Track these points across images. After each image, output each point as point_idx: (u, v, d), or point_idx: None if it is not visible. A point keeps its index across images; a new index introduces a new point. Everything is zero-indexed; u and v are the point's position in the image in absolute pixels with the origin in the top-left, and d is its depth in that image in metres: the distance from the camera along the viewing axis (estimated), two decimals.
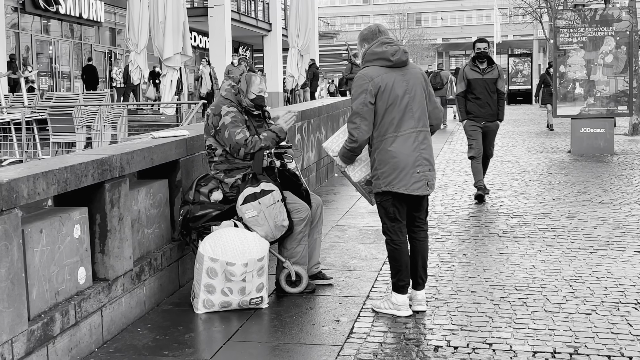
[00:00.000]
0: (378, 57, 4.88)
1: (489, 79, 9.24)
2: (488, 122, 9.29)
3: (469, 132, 9.35)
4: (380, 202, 4.94)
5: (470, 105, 9.30)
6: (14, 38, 24.52)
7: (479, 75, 9.23)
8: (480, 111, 9.23)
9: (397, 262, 4.95)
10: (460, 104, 9.41)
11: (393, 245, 4.94)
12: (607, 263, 6.16)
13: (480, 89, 9.21)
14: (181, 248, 5.65)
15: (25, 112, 14.59)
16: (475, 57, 9.35)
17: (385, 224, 4.96)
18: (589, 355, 4.25)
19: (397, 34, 63.85)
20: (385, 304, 5.03)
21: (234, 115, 5.35)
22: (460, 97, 9.40)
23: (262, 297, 5.14)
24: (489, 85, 9.23)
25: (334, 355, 4.31)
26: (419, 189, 4.84)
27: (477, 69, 9.29)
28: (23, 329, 3.80)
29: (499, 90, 9.32)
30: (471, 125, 9.32)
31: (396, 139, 4.80)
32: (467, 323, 4.81)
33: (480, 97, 9.22)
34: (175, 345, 4.52)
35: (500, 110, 9.33)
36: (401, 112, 4.81)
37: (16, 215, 3.75)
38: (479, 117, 9.25)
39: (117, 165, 4.69)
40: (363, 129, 4.80)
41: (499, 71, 9.33)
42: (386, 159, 4.81)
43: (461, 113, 9.41)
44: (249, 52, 40.43)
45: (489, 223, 7.79)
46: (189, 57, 20.85)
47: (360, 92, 4.80)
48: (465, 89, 9.31)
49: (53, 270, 4.13)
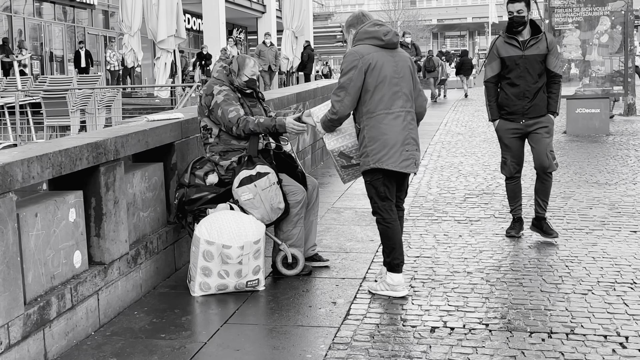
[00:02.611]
0: (370, 35, 4.93)
1: (533, 55, 6.16)
2: (531, 118, 6.21)
3: (503, 140, 6.38)
4: (371, 181, 4.97)
5: (503, 97, 6.29)
6: (7, 21, 24.36)
7: (517, 52, 6.17)
8: (518, 105, 6.20)
9: (391, 240, 4.98)
10: (489, 95, 6.41)
11: (385, 224, 4.98)
12: (602, 243, 6.17)
13: (520, 71, 6.17)
14: (177, 231, 5.64)
15: (18, 96, 14.51)
16: (509, 26, 6.24)
17: (376, 203, 4.99)
18: (586, 335, 4.27)
19: (391, 15, 63.61)
20: (380, 285, 5.05)
21: (226, 93, 5.34)
22: (489, 86, 6.39)
23: (258, 279, 5.14)
24: (533, 64, 6.16)
25: (331, 337, 4.31)
26: (408, 166, 4.92)
27: (514, 42, 6.20)
28: (19, 313, 3.79)
29: (551, 72, 6.22)
30: (507, 129, 6.32)
31: (387, 117, 4.86)
32: (463, 304, 4.82)
33: (519, 83, 6.17)
34: (172, 328, 4.52)
35: (552, 99, 6.24)
36: (391, 90, 4.87)
37: (11, 199, 3.73)
38: (516, 113, 6.22)
39: (111, 148, 4.67)
40: (345, 104, 4.86)
41: (548, 43, 6.19)
42: (376, 136, 4.85)
43: (491, 109, 6.41)
44: (243, 34, 40.28)
45: (485, 204, 7.79)
46: (182, 39, 20.71)
47: (350, 67, 4.84)
48: (497, 72, 6.30)
49: (49, 254, 4.12)
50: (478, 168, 10.09)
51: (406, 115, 4.93)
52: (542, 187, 6.36)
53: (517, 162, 6.39)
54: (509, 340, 4.22)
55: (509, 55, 6.20)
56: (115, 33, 30.12)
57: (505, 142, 6.36)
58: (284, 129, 5.28)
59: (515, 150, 6.35)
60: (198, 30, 35.39)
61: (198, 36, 35.72)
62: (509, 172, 6.42)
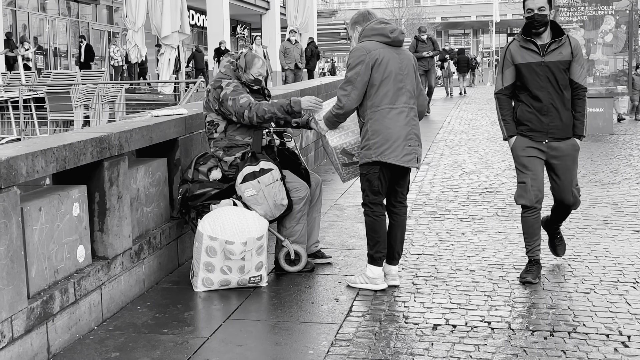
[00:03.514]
0: (377, 32, 4.99)
1: (555, 62, 5.09)
2: (556, 139, 5.17)
3: (520, 160, 5.23)
4: (367, 174, 4.99)
5: (522, 111, 5.21)
6: (11, 16, 24.38)
7: (536, 57, 5.11)
8: (541, 121, 5.14)
9: (377, 233, 5.02)
10: (502, 109, 5.30)
11: (374, 216, 5.02)
12: (605, 242, 6.17)
13: (540, 81, 5.11)
14: (180, 227, 5.65)
15: (22, 91, 14.53)
16: (527, 26, 5.19)
17: (368, 196, 5.03)
18: (588, 333, 4.27)
19: (395, 12, 63.56)
20: (360, 278, 5.11)
21: (236, 84, 5.34)
22: (502, 98, 5.30)
23: (261, 275, 5.15)
24: (556, 73, 5.09)
25: (333, 334, 4.32)
26: (410, 161, 4.95)
27: (532, 47, 5.14)
28: (22, 306, 3.80)
29: (575, 83, 5.16)
30: (525, 148, 5.21)
31: (391, 111, 4.90)
32: (465, 302, 4.82)
33: (540, 95, 5.11)
34: (174, 323, 4.52)
35: (577, 119, 5.21)
36: (396, 86, 4.92)
37: (15, 193, 3.74)
38: (539, 131, 5.16)
39: (115, 143, 4.68)
40: (352, 98, 4.89)
41: (573, 48, 5.14)
42: (380, 130, 4.88)
43: (505, 124, 5.29)
44: (247, 31, 40.27)
45: (488, 202, 7.79)
46: (186, 35, 20.75)
47: (357, 62, 4.89)
48: (512, 81, 5.23)
49: (52, 248, 4.13)
50: (481, 166, 10.09)
51: (409, 111, 4.97)
52: (561, 214, 5.58)
53: (539, 188, 5.16)
54: (511, 338, 4.22)
55: (526, 62, 5.11)
56: (119, 28, 30.14)
57: (523, 163, 5.18)
58: (299, 105, 5.20)
59: (536, 172, 5.16)
60: (202, 27, 35.38)
61: (202, 32, 35.70)
62: (529, 201, 5.19)
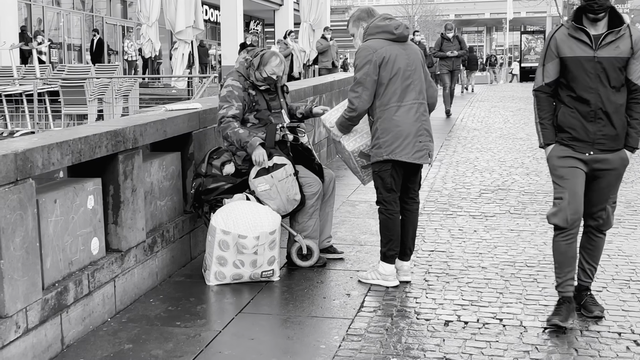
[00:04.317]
0: (381, 30, 4.98)
1: (610, 58, 4.19)
2: (603, 151, 4.30)
3: (557, 171, 4.38)
4: (379, 172, 4.99)
5: (564, 115, 4.34)
6: (26, 9, 24.48)
7: (587, 51, 4.21)
8: (586, 130, 4.27)
9: (390, 231, 5.02)
10: (540, 110, 4.44)
11: (388, 214, 5.02)
12: (618, 241, 6.15)
13: (590, 80, 4.22)
14: (193, 220, 5.67)
15: (37, 84, 14.60)
16: (580, 11, 4.24)
17: (381, 194, 5.02)
18: (600, 331, 4.27)
19: (408, 9, 63.40)
20: (372, 274, 5.12)
21: (231, 90, 5.33)
22: (542, 97, 4.42)
23: (273, 270, 5.17)
24: (609, 71, 4.20)
25: (345, 329, 4.33)
26: (421, 157, 4.95)
27: (583, 37, 4.23)
28: (37, 297, 3.83)
29: (633, 84, 4.25)
30: (564, 157, 4.35)
31: (399, 109, 4.90)
32: (477, 298, 4.83)
33: (589, 97, 4.23)
34: (187, 316, 4.55)
35: (633, 127, 4.30)
36: (403, 83, 4.91)
37: (31, 185, 3.77)
38: (584, 140, 4.29)
39: (130, 136, 4.70)
40: (364, 99, 4.89)
41: (633, 42, 4.21)
42: (389, 128, 4.88)
43: (543, 129, 4.44)
44: (260, 27, 40.27)
45: (500, 200, 7.78)
46: (200, 30, 20.77)
47: (364, 62, 4.88)
48: (554, 77, 4.34)
49: (67, 240, 4.16)
50: (494, 164, 10.07)
51: (419, 106, 4.96)
52: (590, 245, 4.54)
53: (576, 207, 4.31)
54: (522, 335, 4.22)
55: (574, 56, 4.21)
56: (133, 23, 30.21)
57: (562, 175, 4.33)
58: (251, 149, 5.15)
59: (575, 187, 4.31)
60: (215, 22, 35.42)
61: (215, 28, 35.75)
62: (563, 221, 4.32)
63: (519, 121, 15.85)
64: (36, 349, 3.81)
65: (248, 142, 5.18)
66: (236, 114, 5.28)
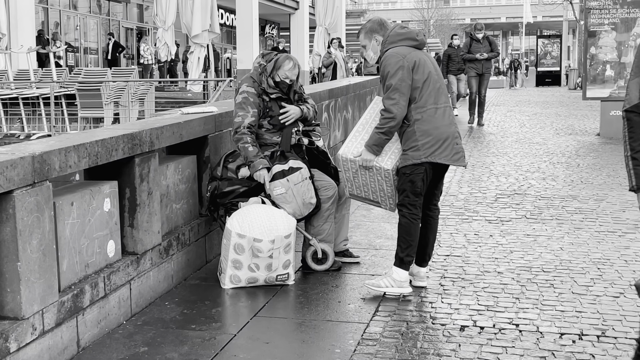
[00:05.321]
0: (404, 37, 4.95)
1: None
2: None
3: None
4: (410, 174, 4.85)
5: None
6: (43, 13, 24.64)
7: None
8: None
9: (411, 236, 4.91)
10: (632, 139, 3.02)
11: (410, 218, 4.90)
12: (635, 246, 6.11)
13: None
14: (209, 224, 5.68)
15: (54, 87, 14.68)
16: None
17: (408, 197, 4.88)
18: (617, 337, 4.23)
19: (424, 13, 63.34)
20: (385, 281, 4.95)
21: (246, 96, 5.33)
22: (635, 120, 3.05)
23: (288, 273, 5.16)
24: None
25: (360, 333, 4.32)
26: (459, 159, 4.93)
27: None
28: (53, 299, 3.84)
29: None
30: None
31: (437, 111, 4.86)
32: (493, 304, 4.80)
33: None
34: (202, 319, 4.55)
35: None
36: (435, 86, 4.90)
37: (48, 188, 3.79)
38: None
39: (147, 140, 4.71)
40: (402, 105, 4.79)
41: None
42: (429, 130, 4.81)
43: (635, 166, 2.99)
44: (276, 31, 40.34)
45: (516, 204, 7.74)
46: (216, 34, 20.84)
47: (396, 68, 4.80)
48: None
49: (83, 242, 4.17)
50: (510, 168, 10.03)
51: (449, 110, 4.98)
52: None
53: None
54: (539, 341, 4.20)
55: None
56: (150, 27, 30.34)
57: None
58: (253, 170, 5.21)
59: None
60: (231, 26, 35.52)
61: (231, 31, 35.85)
62: None
63: (535, 125, 15.80)
64: (52, 351, 3.82)
65: (253, 162, 5.21)
66: (252, 121, 5.29)
